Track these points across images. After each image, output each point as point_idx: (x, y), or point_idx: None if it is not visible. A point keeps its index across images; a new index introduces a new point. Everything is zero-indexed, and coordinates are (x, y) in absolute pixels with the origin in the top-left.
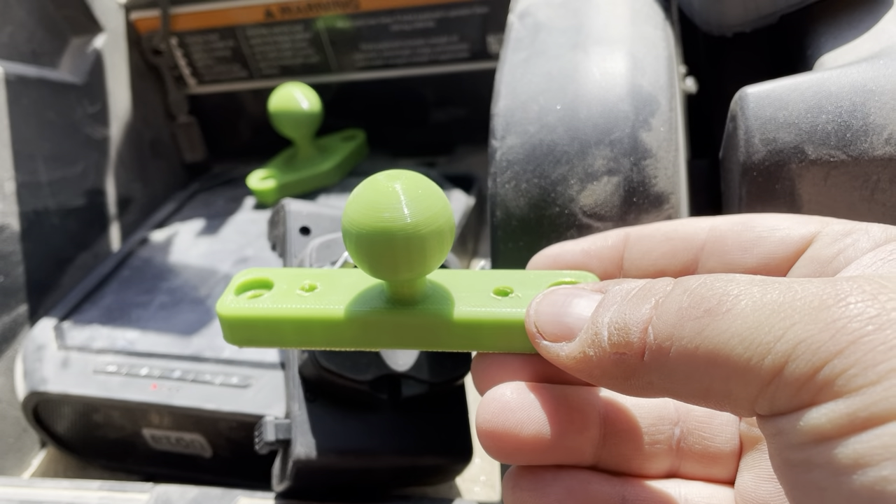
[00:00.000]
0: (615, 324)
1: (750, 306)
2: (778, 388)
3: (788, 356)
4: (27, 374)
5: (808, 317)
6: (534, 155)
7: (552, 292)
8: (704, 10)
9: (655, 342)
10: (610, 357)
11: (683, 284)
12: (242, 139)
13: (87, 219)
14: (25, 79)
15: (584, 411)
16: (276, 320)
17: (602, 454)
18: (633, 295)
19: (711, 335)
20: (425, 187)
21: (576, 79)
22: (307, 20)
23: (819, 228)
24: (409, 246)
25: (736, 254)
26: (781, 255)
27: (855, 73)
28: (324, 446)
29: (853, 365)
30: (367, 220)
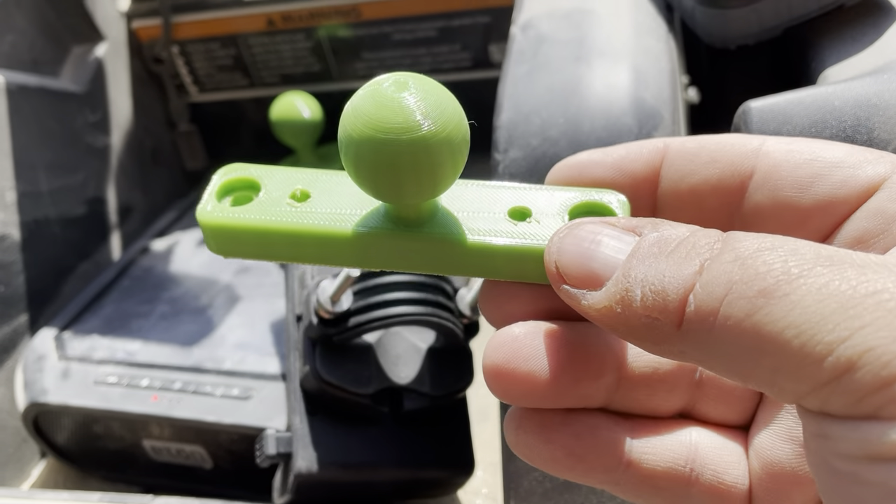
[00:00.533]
0: (651, 284)
1: (813, 294)
2: (834, 393)
3: (853, 364)
4: (27, 384)
5: (882, 320)
6: (536, 168)
7: (578, 227)
8: (707, 23)
9: (696, 314)
10: (641, 318)
11: (735, 248)
12: (244, 147)
13: (87, 228)
14: (26, 88)
15: (601, 356)
16: (263, 232)
17: (615, 397)
18: (674, 249)
19: (764, 320)
20: (437, 91)
21: (579, 92)
22: (309, 29)
23: (889, 172)
24: (418, 163)
25: (789, 191)
26: (842, 199)
27: (859, 87)
28: (325, 460)
29: None
30: (368, 131)
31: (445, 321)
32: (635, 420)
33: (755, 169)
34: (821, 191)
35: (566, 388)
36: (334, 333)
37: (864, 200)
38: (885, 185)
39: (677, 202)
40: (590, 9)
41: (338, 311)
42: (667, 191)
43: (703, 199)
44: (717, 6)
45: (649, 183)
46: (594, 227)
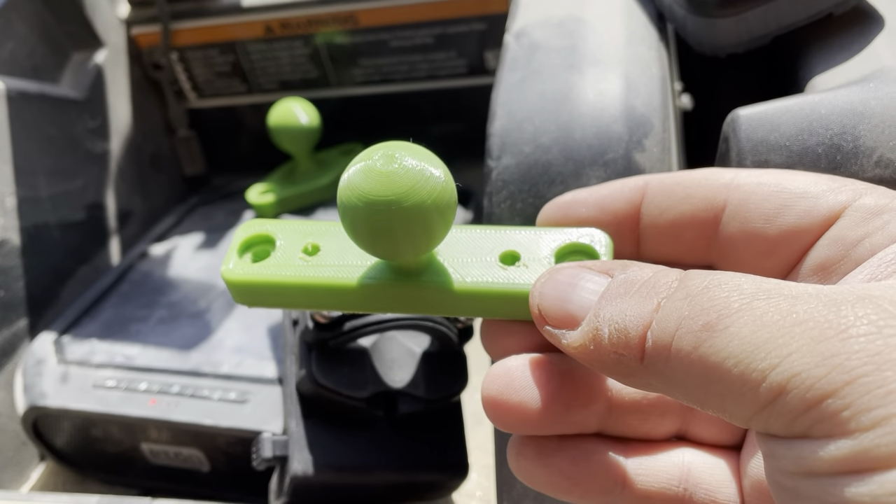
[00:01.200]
0: (615, 322)
1: (749, 325)
2: (771, 416)
3: (783, 388)
4: (27, 388)
5: (806, 347)
6: (529, 175)
7: (557, 272)
8: (697, 32)
9: (653, 349)
10: (610, 354)
11: (687, 286)
12: (242, 153)
13: (87, 233)
14: (27, 94)
15: (590, 385)
16: (280, 286)
17: (608, 423)
18: (637, 290)
19: (708, 352)
20: (424, 161)
21: (570, 100)
22: (307, 36)
23: (850, 199)
24: (408, 228)
25: (757, 222)
26: (805, 228)
27: (845, 95)
28: (321, 463)
29: (847, 407)
30: (361, 204)
31: (440, 326)
32: (629, 443)
33: (727, 202)
34: (786, 221)
35: (558, 416)
36: (330, 338)
37: (826, 228)
38: (845, 213)
39: (658, 236)
40: (583, 17)
41: (333, 315)
42: (648, 225)
43: (681, 232)
44: (706, 16)
45: (631, 219)
46: (571, 272)
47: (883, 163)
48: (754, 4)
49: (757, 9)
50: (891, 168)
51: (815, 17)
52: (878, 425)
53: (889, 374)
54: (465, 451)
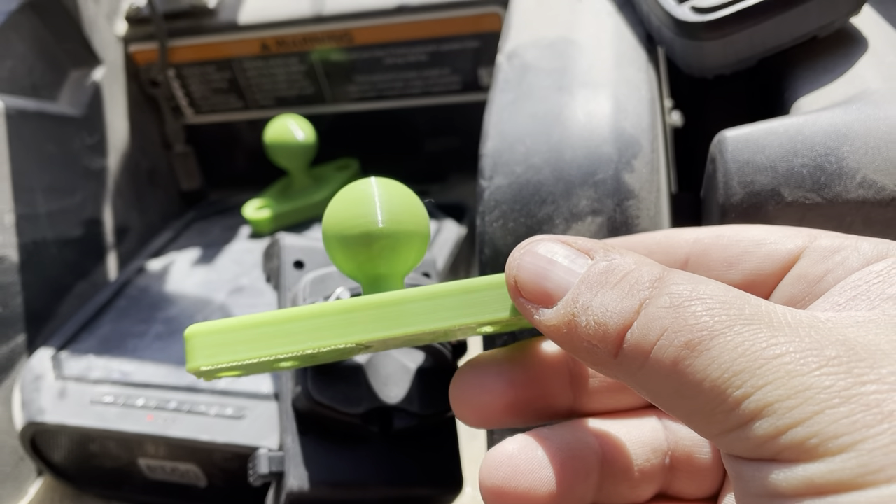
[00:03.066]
0: (595, 315)
1: (729, 352)
2: (739, 439)
3: (754, 416)
4: (25, 404)
5: (781, 380)
6: (521, 195)
7: (536, 244)
8: (685, 54)
9: (630, 350)
10: (583, 342)
11: (671, 292)
12: (238, 168)
13: (85, 248)
14: (25, 112)
15: (585, 457)
16: None
17: (599, 496)
18: (618, 283)
19: (686, 370)
20: (398, 192)
21: (561, 121)
22: (302, 53)
23: (807, 243)
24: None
25: (720, 269)
26: (768, 272)
27: (829, 117)
28: (316, 479)
29: (815, 434)
30: (341, 226)
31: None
32: None
33: (689, 255)
34: (748, 266)
35: (564, 496)
36: None
37: (787, 269)
38: (805, 254)
39: None
40: (573, 39)
41: None
42: None
43: None
44: (693, 38)
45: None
46: (551, 246)
47: (866, 183)
48: (740, 27)
49: (743, 32)
50: (874, 189)
51: (800, 40)
52: (844, 451)
53: (854, 406)
54: (460, 466)
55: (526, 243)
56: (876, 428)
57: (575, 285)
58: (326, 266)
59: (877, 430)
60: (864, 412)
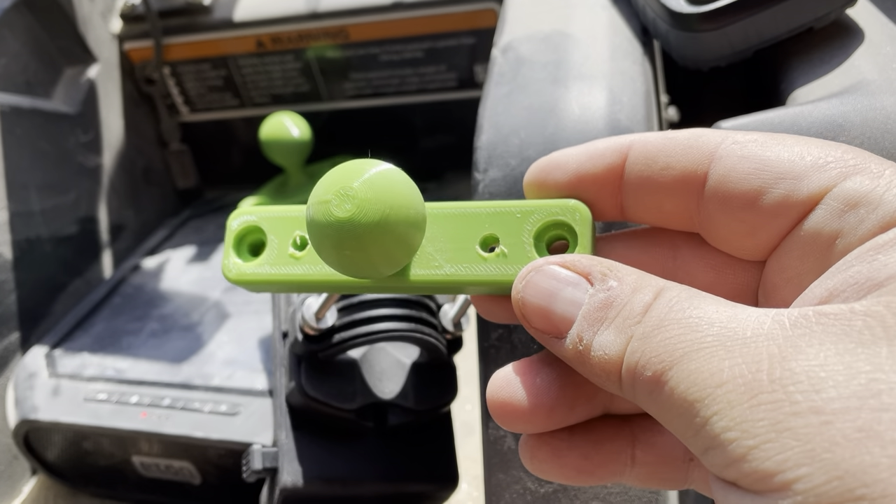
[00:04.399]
0: (598, 353)
1: (684, 381)
2: (708, 461)
3: (711, 442)
4: (18, 401)
5: (723, 410)
6: (515, 188)
7: (536, 273)
8: (681, 46)
9: (624, 381)
10: (593, 375)
11: (646, 321)
12: (234, 166)
13: (79, 246)
14: (19, 109)
15: None
16: (274, 283)
17: (612, 405)
18: (615, 318)
19: (657, 400)
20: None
21: (556, 113)
22: (298, 50)
23: (834, 181)
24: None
25: (736, 204)
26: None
27: (826, 108)
28: (310, 474)
29: (755, 471)
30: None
31: (429, 337)
32: (635, 420)
33: (709, 175)
34: (765, 205)
35: (564, 414)
36: (319, 350)
37: (806, 213)
38: (824, 201)
39: (639, 205)
40: (568, 32)
41: (322, 327)
42: (629, 194)
43: (661, 204)
44: (688, 30)
45: (612, 185)
46: (551, 279)
47: None
48: (736, 19)
49: (738, 23)
50: None
51: (796, 31)
52: (780, 490)
53: (786, 441)
54: (455, 462)
55: (527, 271)
56: (807, 467)
57: (578, 320)
58: None
59: (807, 469)
60: (796, 448)
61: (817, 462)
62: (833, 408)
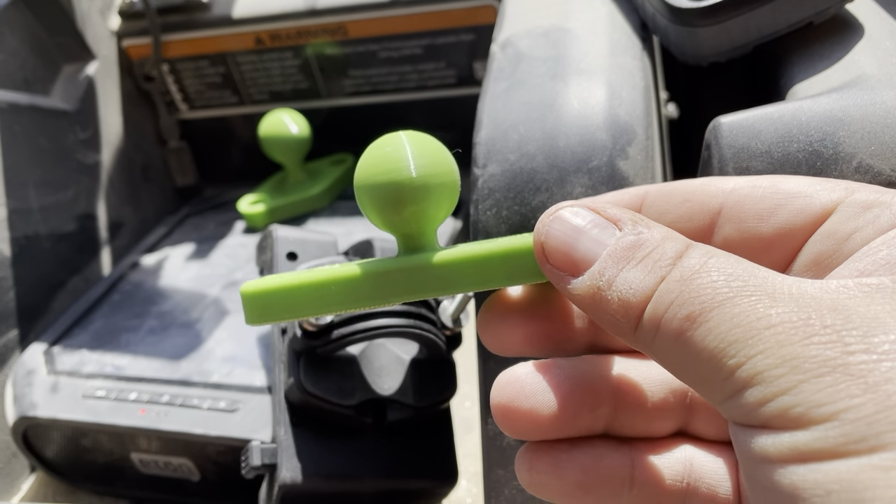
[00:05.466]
0: (619, 291)
1: (726, 322)
2: (734, 406)
3: (746, 384)
4: (17, 398)
5: (771, 349)
6: (514, 183)
7: (564, 209)
8: (680, 42)
9: (646, 324)
10: (606, 314)
11: (683, 267)
12: (233, 163)
13: (78, 243)
14: (17, 106)
15: (597, 389)
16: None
17: (613, 424)
18: (643, 259)
19: (688, 342)
20: (429, 144)
21: (555, 108)
22: (297, 47)
23: (843, 196)
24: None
25: (752, 222)
26: (799, 226)
27: (826, 102)
28: (309, 470)
29: (800, 403)
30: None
31: (428, 333)
32: (634, 443)
33: (723, 205)
34: (780, 219)
35: (567, 421)
36: (318, 345)
37: (819, 224)
38: (838, 209)
39: None
40: (567, 27)
41: (321, 323)
42: None
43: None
44: (687, 25)
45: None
46: (580, 211)
47: (862, 168)
48: (735, 14)
49: (738, 18)
50: (870, 174)
51: (796, 26)
52: (827, 420)
53: (839, 375)
54: (455, 459)
55: (554, 208)
56: (859, 398)
57: (602, 257)
58: (319, 257)
59: (860, 399)
60: (848, 382)
61: (870, 393)
62: (885, 349)
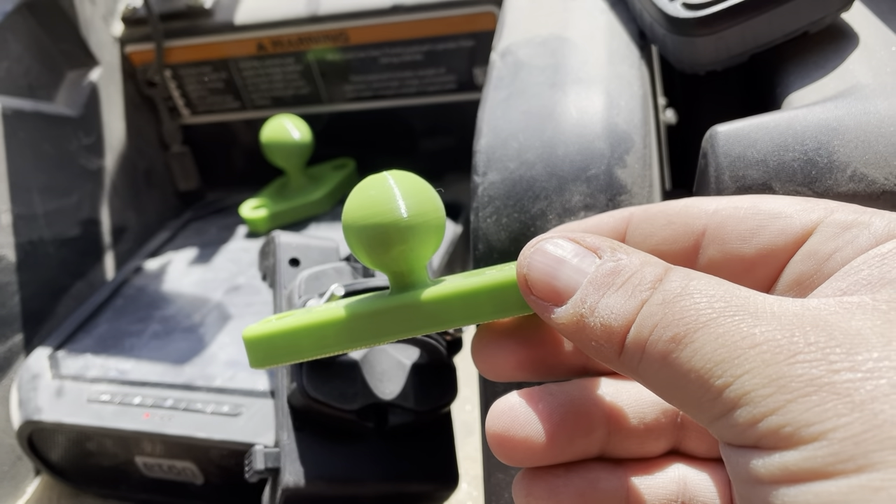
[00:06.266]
0: (601, 317)
1: (711, 343)
2: (725, 426)
3: (734, 404)
4: (22, 403)
5: (757, 368)
6: (514, 191)
7: (546, 242)
8: (677, 50)
9: (630, 347)
10: (591, 341)
11: (664, 290)
12: (235, 168)
13: (81, 248)
14: (22, 113)
15: (590, 414)
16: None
17: (608, 447)
18: (623, 284)
19: (674, 362)
20: (414, 184)
21: (554, 117)
22: (298, 53)
23: (822, 217)
24: (402, 237)
25: (735, 243)
26: (781, 246)
27: (821, 112)
28: (312, 474)
29: (789, 423)
30: (362, 219)
31: (429, 338)
32: (628, 464)
33: (707, 226)
34: (762, 240)
35: (562, 447)
36: None
37: (800, 245)
38: (818, 230)
39: None
40: (566, 36)
41: None
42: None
43: (663, 256)
44: (685, 34)
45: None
46: (560, 243)
47: (857, 177)
48: (731, 23)
49: (734, 27)
50: (864, 182)
51: (792, 36)
52: (816, 439)
53: (825, 394)
54: (455, 462)
55: (536, 241)
56: (846, 417)
57: (583, 285)
58: (321, 263)
59: (847, 419)
60: (834, 401)
61: (857, 412)
62: (869, 367)
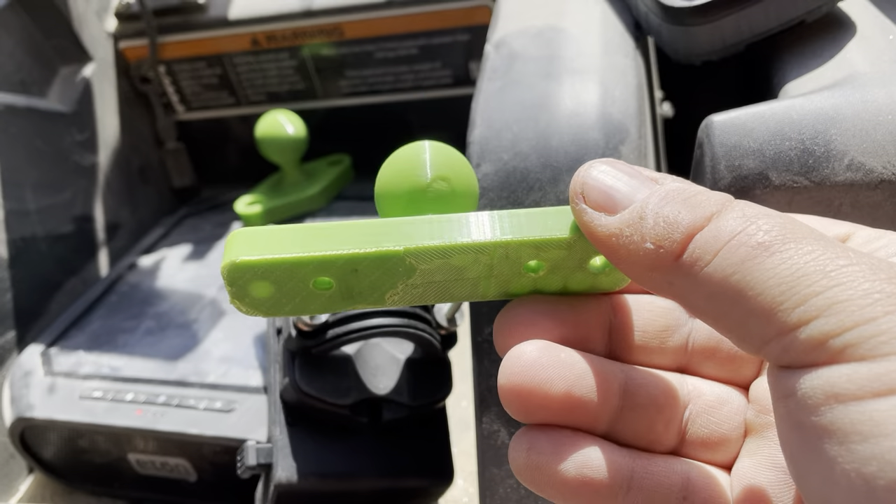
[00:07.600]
0: (665, 216)
1: (803, 256)
2: (796, 339)
3: (821, 312)
4: (14, 400)
5: (852, 283)
6: (508, 182)
7: (601, 162)
8: (673, 41)
9: (696, 251)
10: (642, 243)
11: (743, 209)
12: (230, 164)
13: (75, 245)
14: (14, 108)
15: (608, 381)
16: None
17: (616, 426)
18: (688, 199)
19: (753, 268)
20: (448, 152)
21: (548, 108)
22: (293, 48)
23: (851, 231)
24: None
25: None
26: None
27: (817, 100)
28: (305, 470)
29: (884, 332)
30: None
31: (423, 333)
32: (634, 451)
33: None
34: None
35: (578, 404)
36: (313, 345)
37: None
38: (851, 237)
39: None
40: (561, 27)
41: (316, 323)
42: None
43: None
44: (680, 24)
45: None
46: (620, 166)
47: (854, 166)
48: (727, 12)
49: (730, 17)
50: (861, 171)
51: (788, 25)
52: None
53: None
54: (450, 458)
55: (593, 161)
56: None
57: (646, 195)
58: None
59: None
60: None
61: None
62: None
